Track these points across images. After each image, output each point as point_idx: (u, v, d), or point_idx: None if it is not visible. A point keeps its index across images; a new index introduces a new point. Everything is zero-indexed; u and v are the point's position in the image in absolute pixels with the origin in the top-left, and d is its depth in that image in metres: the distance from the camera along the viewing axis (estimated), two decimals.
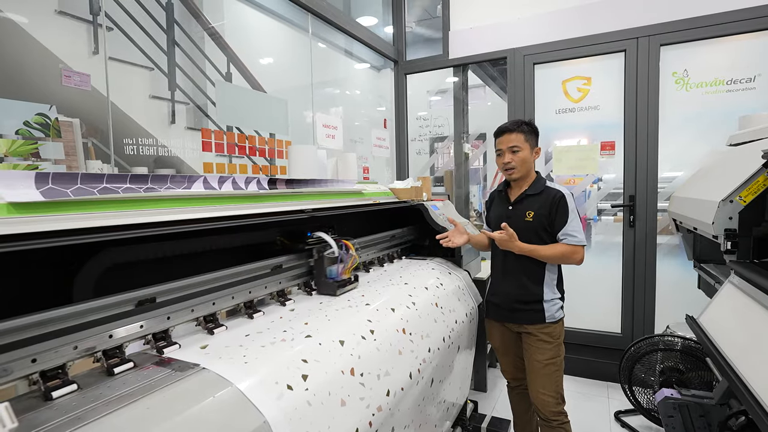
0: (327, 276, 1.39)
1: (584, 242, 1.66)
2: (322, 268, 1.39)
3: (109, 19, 2.09)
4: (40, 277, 0.93)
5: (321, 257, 1.39)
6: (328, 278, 1.39)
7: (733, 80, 2.52)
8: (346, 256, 1.41)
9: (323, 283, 1.39)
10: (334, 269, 1.40)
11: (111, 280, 0.99)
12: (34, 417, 0.66)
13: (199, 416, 0.72)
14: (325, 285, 1.39)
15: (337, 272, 1.40)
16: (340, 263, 1.40)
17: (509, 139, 1.70)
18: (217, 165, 2.12)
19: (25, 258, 0.86)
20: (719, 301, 1.49)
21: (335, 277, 1.39)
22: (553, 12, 2.94)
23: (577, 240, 1.65)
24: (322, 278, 1.39)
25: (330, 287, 1.38)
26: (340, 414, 0.90)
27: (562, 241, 1.66)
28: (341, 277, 1.40)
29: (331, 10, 2.77)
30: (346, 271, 1.42)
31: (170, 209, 0.98)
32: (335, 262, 1.40)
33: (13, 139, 1.37)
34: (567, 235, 1.65)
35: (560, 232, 1.66)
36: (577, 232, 1.65)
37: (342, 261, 1.40)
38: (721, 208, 1.51)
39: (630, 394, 2.27)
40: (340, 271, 1.40)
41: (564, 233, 1.66)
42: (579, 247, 1.65)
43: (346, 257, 1.41)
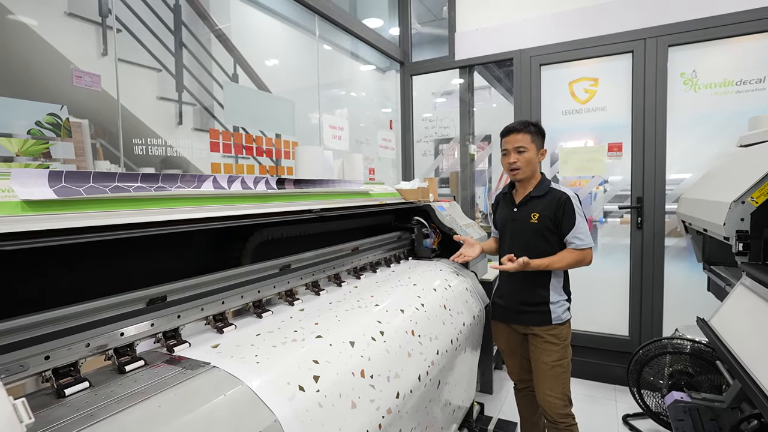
0: (424, 245, 2.08)
1: (592, 244, 1.65)
2: (421, 240, 2.10)
3: (118, 21, 2.11)
4: (53, 274, 0.94)
5: (420, 233, 2.10)
6: (425, 247, 2.08)
7: (742, 81, 2.50)
8: (433, 233, 2.10)
9: (422, 250, 2.10)
10: (429, 242, 2.08)
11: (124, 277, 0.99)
12: (47, 414, 0.66)
13: (211, 414, 0.72)
14: (423, 251, 2.09)
15: (430, 243, 2.08)
16: (430, 238, 2.09)
17: (515, 139, 1.69)
18: (224, 165, 2.12)
19: (39, 255, 0.86)
20: (731, 304, 1.47)
21: (429, 246, 2.07)
22: (560, 13, 2.93)
23: (584, 243, 1.64)
24: (420, 247, 2.10)
25: (426, 252, 2.09)
26: (350, 416, 0.90)
27: (570, 245, 1.65)
28: (432, 246, 2.08)
29: (337, 12, 2.77)
30: (434, 242, 2.10)
31: (180, 208, 0.98)
32: (428, 236, 2.09)
33: (25, 138, 1.38)
34: (575, 238, 1.65)
35: (568, 236, 1.66)
36: (585, 234, 1.65)
37: (430, 236, 2.09)
38: (732, 209, 1.49)
39: (638, 397, 2.25)
40: (431, 244, 2.08)
41: (572, 236, 1.65)
42: (588, 251, 1.65)
43: (432, 235, 2.10)
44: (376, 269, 1.78)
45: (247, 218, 1.12)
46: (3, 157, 1.35)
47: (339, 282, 1.53)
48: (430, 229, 2.07)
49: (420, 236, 2.08)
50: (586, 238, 1.65)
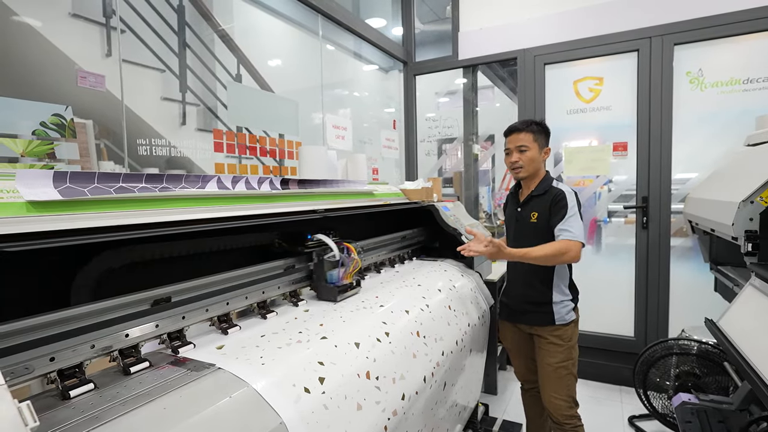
0: (327, 280, 1.31)
1: (581, 239, 1.57)
2: (322, 272, 1.32)
3: (122, 21, 2.11)
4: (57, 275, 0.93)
5: (321, 261, 1.32)
6: (329, 283, 1.31)
7: (749, 79, 2.47)
8: (347, 259, 1.33)
9: (323, 288, 1.31)
10: (335, 273, 1.32)
11: (126, 279, 0.99)
12: (52, 416, 0.65)
13: (216, 416, 0.71)
14: (325, 290, 1.31)
15: (338, 277, 1.32)
16: (341, 267, 1.32)
17: (517, 138, 1.68)
18: (228, 166, 2.12)
19: (43, 256, 0.85)
20: (740, 304, 1.45)
21: (336, 282, 1.31)
22: (564, 12, 2.91)
23: (572, 235, 1.56)
24: (321, 283, 1.32)
25: (330, 292, 1.30)
26: (356, 418, 0.89)
27: (558, 237, 1.59)
28: (342, 282, 1.32)
29: (340, 11, 2.77)
30: (347, 275, 1.34)
31: (185, 209, 0.98)
32: (336, 266, 1.32)
33: (30, 139, 1.38)
34: (562, 230, 1.58)
35: (557, 227, 1.60)
36: (574, 228, 1.57)
37: (343, 265, 1.32)
38: (741, 209, 1.47)
39: (644, 398, 2.23)
40: (341, 276, 1.32)
41: (560, 228, 1.58)
42: (573, 243, 1.54)
43: (347, 261, 1.33)
44: (380, 269, 1.77)
45: (252, 219, 1.11)
46: (8, 158, 1.35)
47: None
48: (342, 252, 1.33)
49: (322, 265, 1.32)
50: (576, 232, 1.56)
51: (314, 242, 1.33)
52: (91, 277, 0.96)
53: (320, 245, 1.33)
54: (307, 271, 1.35)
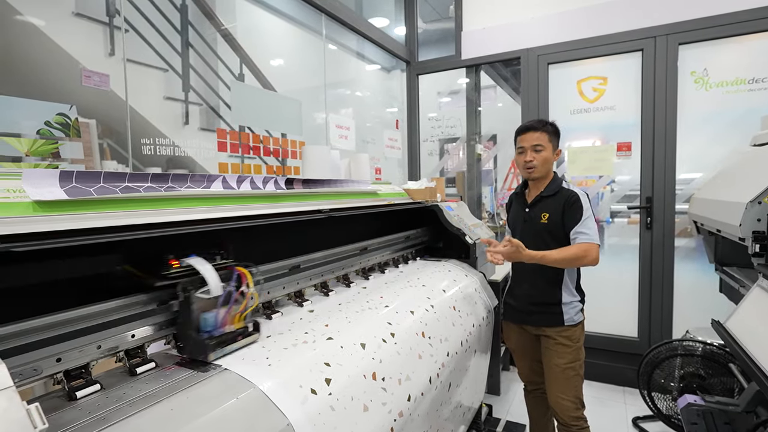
0: (199, 328, 0.88)
1: (597, 241, 1.58)
2: (189, 315, 0.88)
3: (125, 21, 2.11)
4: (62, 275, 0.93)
5: (188, 298, 0.88)
6: (202, 332, 0.88)
7: (755, 79, 2.46)
8: (234, 294, 0.92)
9: (190, 340, 0.87)
10: (211, 317, 0.88)
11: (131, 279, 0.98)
12: (59, 417, 0.65)
13: (223, 418, 0.71)
14: (194, 343, 0.87)
15: (215, 322, 0.88)
16: (223, 307, 0.90)
17: (533, 137, 1.67)
18: (231, 165, 2.11)
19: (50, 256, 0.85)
20: (747, 306, 1.44)
21: (212, 330, 0.88)
22: (568, 11, 2.90)
23: (589, 237, 1.56)
24: (189, 331, 0.88)
25: (199, 347, 0.86)
26: (363, 420, 0.89)
27: (574, 240, 1.59)
28: (223, 330, 0.89)
29: (344, 11, 2.76)
30: (234, 318, 0.91)
31: (191, 208, 0.97)
32: (214, 306, 0.89)
33: (35, 138, 1.38)
34: (579, 233, 1.58)
35: (573, 230, 1.60)
36: (591, 230, 1.58)
37: (227, 303, 0.90)
38: (749, 209, 1.46)
39: (649, 400, 2.22)
40: (221, 320, 0.89)
41: (576, 231, 1.58)
42: (592, 246, 1.55)
43: (234, 296, 0.92)
44: (384, 270, 1.77)
45: (258, 219, 1.11)
46: (12, 157, 1.35)
47: (348, 282, 1.52)
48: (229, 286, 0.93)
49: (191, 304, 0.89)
50: (592, 234, 1.57)
51: (182, 269, 0.90)
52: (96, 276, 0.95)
53: (190, 273, 0.90)
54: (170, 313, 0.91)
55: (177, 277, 0.89)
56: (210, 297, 0.88)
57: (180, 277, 0.89)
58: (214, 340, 0.87)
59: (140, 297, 0.87)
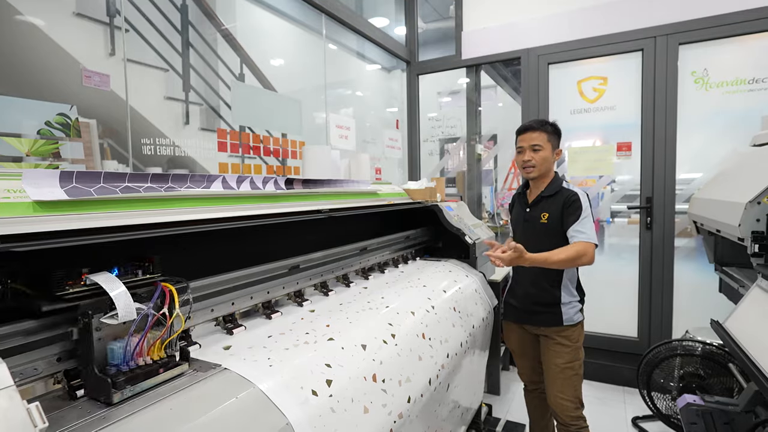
0: (107, 362, 0.72)
1: (595, 240, 1.57)
2: (90, 346, 0.71)
3: (126, 21, 2.11)
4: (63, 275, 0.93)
5: (88, 325, 0.71)
6: (110, 365, 0.72)
7: (755, 79, 2.46)
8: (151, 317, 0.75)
9: (92, 378, 0.70)
10: (119, 348, 0.72)
11: None
12: (60, 416, 0.65)
13: (223, 417, 0.71)
14: (95, 380, 0.70)
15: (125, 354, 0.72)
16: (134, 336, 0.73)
17: (531, 137, 1.67)
18: (231, 165, 2.12)
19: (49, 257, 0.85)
20: (747, 306, 1.44)
21: (119, 365, 0.72)
22: (568, 11, 2.90)
23: (586, 237, 1.56)
24: (89, 366, 0.71)
25: (101, 385, 0.69)
26: (363, 421, 0.89)
27: (572, 238, 1.59)
28: (137, 362, 0.73)
29: (344, 11, 2.76)
30: (153, 347, 0.75)
31: (191, 208, 0.97)
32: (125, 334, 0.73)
33: (35, 138, 1.38)
34: (576, 231, 1.58)
35: (570, 229, 1.60)
36: (588, 229, 1.58)
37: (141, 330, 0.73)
38: (748, 209, 1.46)
39: (648, 399, 2.22)
40: (134, 350, 0.73)
41: (574, 230, 1.59)
42: (589, 245, 1.54)
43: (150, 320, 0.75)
44: (384, 270, 1.77)
45: (257, 219, 1.11)
46: (13, 157, 1.35)
47: (347, 282, 1.52)
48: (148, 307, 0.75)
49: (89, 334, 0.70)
50: (590, 233, 1.57)
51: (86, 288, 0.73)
52: None
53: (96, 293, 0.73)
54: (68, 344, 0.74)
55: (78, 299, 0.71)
56: (114, 322, 0.69)
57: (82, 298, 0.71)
58: (122, 376, 0.69)
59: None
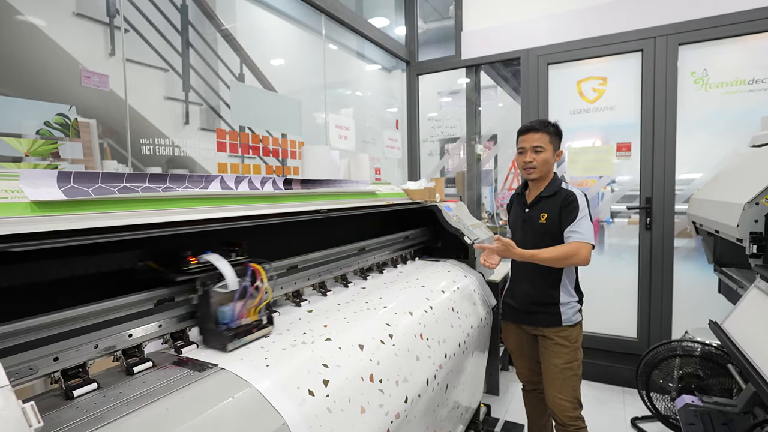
0: (218, 320, 0.93)
1: (591, 241, 1.57)
2: (209, 308, 0.94)
3: (126, 21, 2.11)
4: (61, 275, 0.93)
5: (207, 292, 0.95)
6: (220, 324, 0.93)
7: (755, 80, 2.46)
8: (250, 288, 0.97)
9: (210, 331, 0.94)
10: (228, 310, 0.94)
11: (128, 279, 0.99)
12: (56, 416, 0.66)
13: (219, 417, 0.71)
14: (212, 334, 0.94)
15: (233, 315, 0.94)
16: (239, 301, 0.95)
17: (533, 138, 1.67)
18: (231, 165, 2.12)
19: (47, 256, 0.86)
20: (744, 307, 1.44)
21: (229, 323, 0.93)
22: (568, 12, 2.90)
23: (582, 237, 1.56)
24: (208, 323, 0.95)
25: (218, 338, 0.92)
26: (359, 422, 0.89)
27: (567, 238, 1.59)
28: (240, 322, 0.95)
29: (344, 11, 2.76)
30: (250, 311, 0.97)
31: (189, 209, 0.98)
32: (231, 300, 0.95)
33: (34, 138, 1.38)
34: (572, 232, 1.58)
35: (567, 229, 1.60)
36: (584, 230, 1.58)
37: (243, 297, 0.96)
38: (746, 210, 1.46)
39: (647, 400, 2.22)
40: (237, 313, 0.94)
41: (570, 230, 1.59)
42: (583, 245, 1.55)
43: (249, 290, 0.97)
44: (382, 270, 1.77)
45: (255, 219, 1.11)
46: (12, 157, 1.35)
47: (345, 283, 1.52)
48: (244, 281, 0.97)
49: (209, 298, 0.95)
50: (586, 233, 1.57)
51: (200, 265, 0.96)
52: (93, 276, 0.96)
53: (209, 269, 0.96)
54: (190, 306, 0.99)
55: (196, 273, 0.96)
56: (227, 291, 0.94)
57: (198, 273, 0.96)
58: (231, 331, 0.93)
59: (161, 291, 0.93)
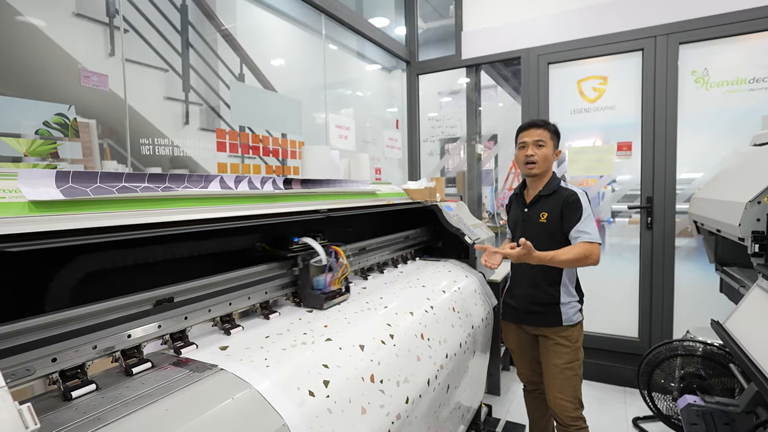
0: (314, 287, 1.24)
1: (599, 240, 1.57)
2: (308, 278, 1.24)
3: (125, 21, 2.11)
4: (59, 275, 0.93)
5: (306, 266, 1.24)
6: (315, 289, 1.23)
7: (755, 79, 2.45)
8: (335, 264, 1.26)
9: (309, 295, 1.24)
10: (322, 279, 1.24)
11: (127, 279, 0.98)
12: (54, 417, 0.65)
13: (219, 418, 0.71)
14: (311, 297, 1.23)
15: (325, 283, 1.24)
16: (329, 272, 1.25)
17: (535, 133, 1.67)
18: (231, 165, 2.11)
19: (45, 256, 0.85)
20: (747, 306, 1.44)
21: (323, 288, 1.24)
22: (568, 11, 2.89)
23: (591, 237, 1.55)
24: (307, 289, 1.24)
25: (316, 300, 1.22)
26: (360, 422, 0.88)
27: (576, 239, 1.58)
28: (329, 288, 1.25)
29: (344, 11, 2.76)
30: (335, 280, 1.27)
31: (187, 208, 0.97)
32: (323, 272, 1.25)
33: (33, 138, 1.38)
34: (580, 232, 1.57)
35: (573, 230, 1.59)
36: (591, 229, 1.57)
37: (331, 270, 1.25)
38: (748, 209, 1.46)
39: (649, 400, 2.21)
40: (328, 282, 1.24)
41: (577, 231, 1.58)
42: (594, 246, 1.54)
43: (335, 266, 1.26)
44: (383, 270, 1.76)
45: (255, 219, 1.11)
46: (11, 157, 1.35)
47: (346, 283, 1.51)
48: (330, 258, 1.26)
49: (308, 271, 1.24)
50: (594, 233, 1.57)
51: (300, 246, 1.25)
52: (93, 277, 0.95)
53: (306, 249, 1.25)
54: (292, 276, 1.26)
55: (298, 251, 1.25)
56: (320, 265, 1.25)
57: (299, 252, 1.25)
58: (324, 295, 1.24)
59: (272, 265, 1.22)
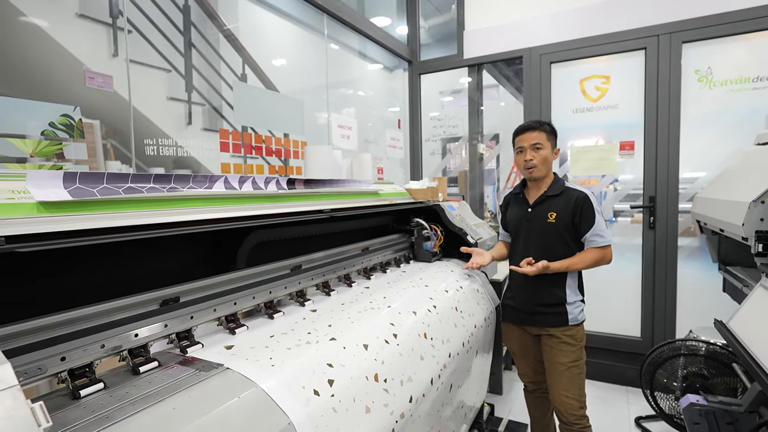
0: (424, 248, 1.99)
1: (611, 242, 1.65)
2: (421, 243, 2.00)
3: (129, 22, 2.12)
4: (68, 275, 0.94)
5: (420, 235, 2.00)
6: (425, 250, 1.99)
7: (759, 78, 2.44)
8: (434, 235, 2.01)
9: (422, 254, 2.00)
10: (429, 244, 1.99)
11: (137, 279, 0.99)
12: (63, 415, 0.66)
13: (225, 417, 0.72)
14: (424, 255, 1.99)
15: (430, 246, 1.99)
16: (431, 240, 2.00)
17: (531, 137, 1.67)
18: (234, 165, 2.12)
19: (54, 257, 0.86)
20: (750, 305, 1.44)
21: (429, 249, 1.99)
22: (570, 10, 2.89)
23: (605, 241, 1.64)
24: (420, 250, 2.00)
25: (426, 256, 1.99)
26: (364, 421, 0.89)
27: (590, 243, 1.64)
28: (433, 250, 1.99)
29: (346, 11, 2.76)
30: (435, 245, 2.01)
31: (194, 209, 0.98)
32: (429, 239, 2.00)
33: (39, 139, 1.39)
34: (596, 236, 1.64)
35: (587, 234, 1.65)
36: (604, 232, 1.65)
37: (431, 239, 2.00)
38: (752, 209, 1.46)
39: (652, 399, 2.21)
40: (432, 246, 1.99)
41: (592, 235, 1.64)
42: (607, 248, 1.65)
43: (434, 236, 2.01)
44: (386, 269, 1.77)
45: (259, 219, 1.12)
46: (17, 158, 1.36)
47: (349, 282, 1.52)
48: (431, 230, 1.97)
49: (420, 239, 1.98)
50: (606, 236, 1.65)
51: (414, 224, 2.02)
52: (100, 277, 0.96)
53: (417, 225, 2.01)
54: (409, 242, 2.03)
55: (413, 227, 2.02)
56: (428, 234, 2.01)
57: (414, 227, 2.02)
58: (430, 254, 1.99)
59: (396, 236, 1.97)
